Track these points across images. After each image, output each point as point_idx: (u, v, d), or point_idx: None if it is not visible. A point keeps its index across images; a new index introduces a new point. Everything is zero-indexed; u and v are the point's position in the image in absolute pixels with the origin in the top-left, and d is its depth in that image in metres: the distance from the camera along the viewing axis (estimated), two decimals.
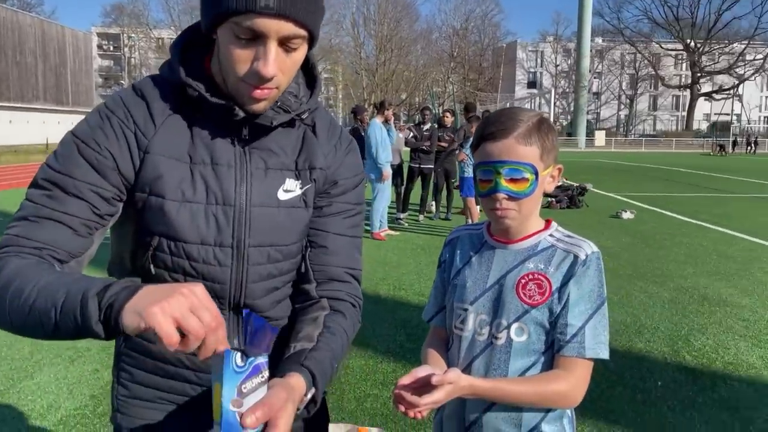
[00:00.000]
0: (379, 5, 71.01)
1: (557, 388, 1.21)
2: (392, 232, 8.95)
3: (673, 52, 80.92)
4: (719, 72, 76.12)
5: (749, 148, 50.54)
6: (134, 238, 1.11)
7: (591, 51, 67.86)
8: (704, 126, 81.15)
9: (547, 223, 1.33)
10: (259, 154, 1.13)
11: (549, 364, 1.25)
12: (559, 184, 9.32)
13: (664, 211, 11.64)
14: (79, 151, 1.04)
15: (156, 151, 1.06)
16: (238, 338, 1.12)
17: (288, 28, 0.98)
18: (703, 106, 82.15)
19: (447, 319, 1.38)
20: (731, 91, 76.25)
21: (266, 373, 0.92)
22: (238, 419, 0.85)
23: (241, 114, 1.07)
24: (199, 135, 1.09)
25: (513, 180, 1.22)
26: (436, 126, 10.45)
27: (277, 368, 1.03)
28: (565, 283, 1.23)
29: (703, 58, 77.05)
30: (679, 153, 49.77)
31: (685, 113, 79.77)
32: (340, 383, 3.64)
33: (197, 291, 0.84)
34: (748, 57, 76.55)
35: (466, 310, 1.31)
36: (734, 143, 50.83)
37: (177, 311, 0.80)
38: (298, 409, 0.99)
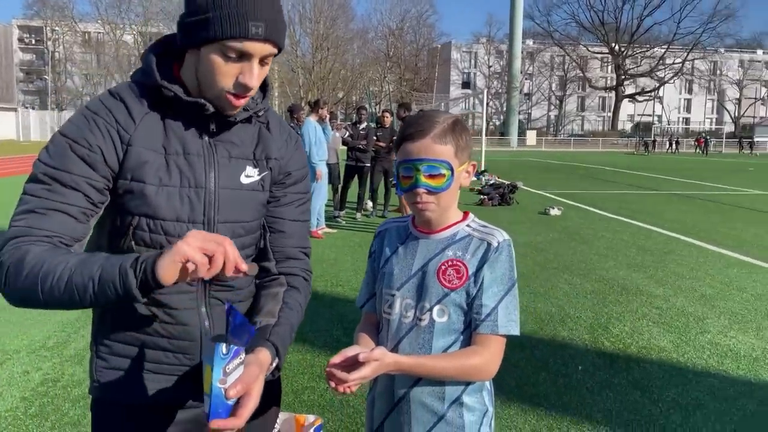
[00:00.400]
0: (315, 4, 70.61)
1: (474, 362, 1.36)
2: (330, 230, 9.05)
3: (599, 55, 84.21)
4: (641, 75, 79.78)
5: (669, 148, 53.56)
6: (112, 221, 1.26)
7: (522, 53, 69.79)
8: (628, 126, 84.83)
9: (465, 214, 1.48)
10: (224, 145, 1.32)
11: (468, 342, 1.39)
12: (492, 182, 9.74)
13: (588, 208, 12.21)
14: (72, 150, 1.20)
15: (137, 144, 1.23)
16: (209, 321, 1.32)
17: (269, 49, 1.22)
18: (627, 107, 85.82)
19: (377, 305, 1.51)
20: (652, 93, 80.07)
21: (243, 356, 1.14)
22: (224, 392, 1.10)
23: (212, 109, 1.26)
24: (172, 129, 1.27)
25: (431, 176, 1.36)
26: (375, 125, 10.61)
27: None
28: (480, 268, 1.38)
29: (627, 61, 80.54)
30: (605, 152, 51.90)
31: (610, 114, 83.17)
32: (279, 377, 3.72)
33: (199, 233, 1.06)
34: (668, 61, 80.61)
35: (393, 295, 1.44)
36: (654, 143, 53.78)
37: (198, 243, 1.04)
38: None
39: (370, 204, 11.05)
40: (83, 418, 3.24)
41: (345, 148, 10.31)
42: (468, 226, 1.45)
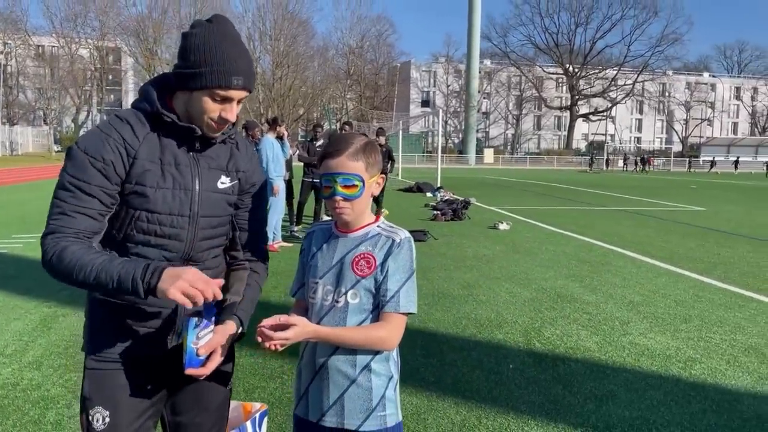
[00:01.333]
0: (275, 21, 70.92)
1: (379, 334, 1.70)
2: (286, 244, 9.30)
3: (554, 76, 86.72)
4: (594, 95, 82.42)
5: (638, 167, 55.57)
6: (118, 213, 1.67)
7: (480, 73, 71.43)
8: (583, 145, 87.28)
9: (377, 217, 1.82)
10: (205, 159, 1.75)
11: (376, 320, 1.72)
12: (446, 198, 10.29)
13: (537, 223, 12.76)
14: (91, 164, 1.61)
15: (141, 157, 1.65)
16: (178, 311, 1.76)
17: (244, 93, 1.68)
18: (581, 127, 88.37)
19: (305, 292, 1.83)
20: (605, 113, 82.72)
21: (212, 327, 1.66)
22: (195, 351, 1.60)
23: (199, 132, 1.69)
24: (166, 146, 1.69)
25: (346, 186, 1.70)
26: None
27: (219, 314, 1.74)
28: (385, 260, 1.72)
29: (581, 82, 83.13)
30: (560, 170, 53.34)
31: (565, 133, 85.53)
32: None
33: (190, 273, 1.50)
34: (620, 82, 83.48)
35: (316, 283, 1.77)
36: (607, 161, 55.71)
37: (182, 288, 1.48)
38: (233, 340, 1.77)
39: (326, 218, 11.35)
40: (42, 417, 3.44)
41: (301, 164, 10.61)
42: (378, 226, 1.79)
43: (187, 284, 1.47)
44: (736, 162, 57.87)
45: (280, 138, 9.39)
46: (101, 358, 1.72)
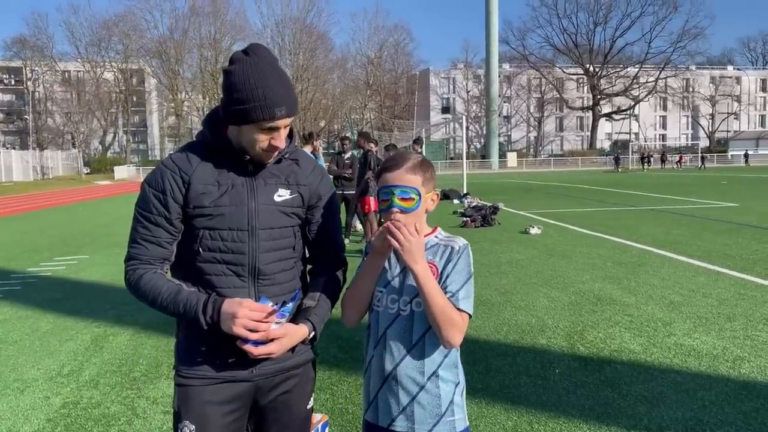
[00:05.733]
0: (294, 35, 71.77)
1: (454, 316, 1.73)
2: None
3: (575, 77, 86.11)
4: (617, 94, 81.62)
5: (663, 164, 55.15)
6: (185, 233, 1.83)
7: (499, 76, 71.15)
8: (607, 145, 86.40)
9: (434, 228, 1.89)
10: (262, 177, 1.85)
11: None
12: (474, 204, 10.33)
13: (567, 225, 12.70)
14: (153, 196, 1.79)
15: (195, 181, 1.78)
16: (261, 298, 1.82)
17: (289, 120, 1.77)
18: (604, 126, 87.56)
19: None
20: (628, 112, 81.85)
21: (282, 321, 1.76)
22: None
23: (248, 157, 1.81)
24: (223, 171, 1.82)
25: (403, 199, 1.77)
26: (358, 153, 11.07)
27: (295, 318, 1.84)
28: (446, 266, 1.79)
29: (602, 81, 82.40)
30: (585, 170, 52.84)
31: (588, 133, 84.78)
32: None
33: (242, 311, 1.66)
34: (642, 80, 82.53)
35: (381, 292, 1.85)
36: (643, 159, 54.86)
37: (241, 325, 1.66)
38: (304, 342, 1.85)
39: (359, 227, 11.52)
40: None
41: (331, 177, 10.75)
42: (436, 236, 1.87)
43: (242, 321, 1.65)
44: (746, 155, 57.66)
45: (314, 151, 9.53)
46: (189, 375, 1.81)
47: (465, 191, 20.98)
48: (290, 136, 1.89)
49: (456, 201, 19.58)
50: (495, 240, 10.82)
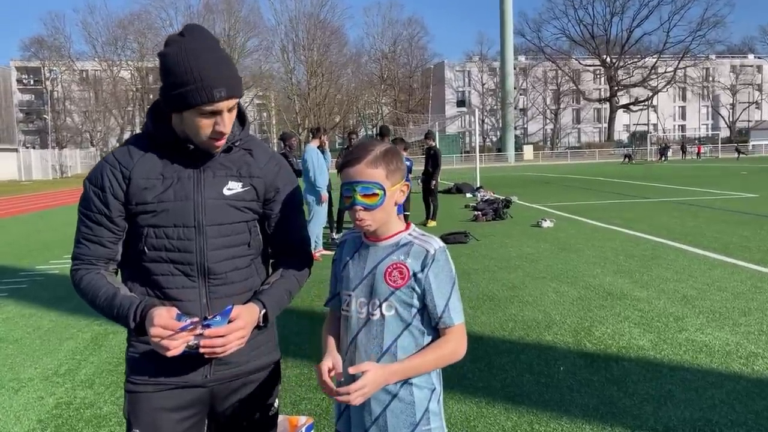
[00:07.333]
0: (308, 31, 71.68)
1: (449, 348, 1.66)
2: (327, 252, 9.30)
3: (592, 68, 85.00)
4: (634, 85, 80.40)
5: (684, 155, 54.35)
6: (129, 232, 1.72)
7: (515, 69, 70.67)
8: (624, 136, 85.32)
9: (407, 225, 1.75)
10: (210, 169, 1.71)
11: (416, 330, 1.66)
12: (486, 198, 10.19)
13: (581, 218, 12.47)
14: (93, 193, 1.68)
15: (135, 176, 1.66)
16: (209, 311, 1.71)
17: (232, 102, 1.62)
18: (622, 118, 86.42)
19: (339, 304, 1.77)
20: (646, 103, 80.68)
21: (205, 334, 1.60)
22: (196, 346, 1.59)
23: (191, 147, 1.67)
24: (168, 163, 1.69)
25: (366, 195, 1.63)
26: None
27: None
28: (421, 269, 1.65)
29: (619, 72, 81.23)
30: (602, 162, 52.23)
31: (606, 125, 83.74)
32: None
33: (156, 327, 1.53)
34: (660, 70, 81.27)
35: (350, 295, 1.71)
36: (662, 150, 53.91)
37: (155, 343, 1.54)
38: (258, 326, 1.70)
39: None
40: None
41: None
42: (410, 234, 1.72)
43: (154, 340, 1.54)
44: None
45: (321, 146, 9.42)
46: (139, 381, 1.72)
47: (478, 185, 20.78)
48: (242, 123, 1.76)
49: (468, 195, 19.38)
50: (506, 234, 10.64)
